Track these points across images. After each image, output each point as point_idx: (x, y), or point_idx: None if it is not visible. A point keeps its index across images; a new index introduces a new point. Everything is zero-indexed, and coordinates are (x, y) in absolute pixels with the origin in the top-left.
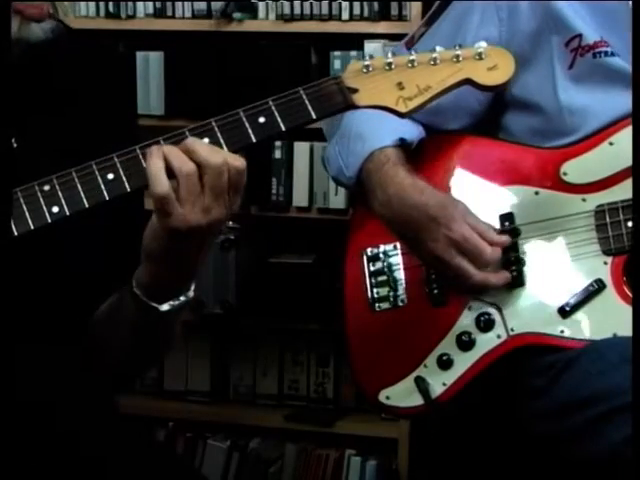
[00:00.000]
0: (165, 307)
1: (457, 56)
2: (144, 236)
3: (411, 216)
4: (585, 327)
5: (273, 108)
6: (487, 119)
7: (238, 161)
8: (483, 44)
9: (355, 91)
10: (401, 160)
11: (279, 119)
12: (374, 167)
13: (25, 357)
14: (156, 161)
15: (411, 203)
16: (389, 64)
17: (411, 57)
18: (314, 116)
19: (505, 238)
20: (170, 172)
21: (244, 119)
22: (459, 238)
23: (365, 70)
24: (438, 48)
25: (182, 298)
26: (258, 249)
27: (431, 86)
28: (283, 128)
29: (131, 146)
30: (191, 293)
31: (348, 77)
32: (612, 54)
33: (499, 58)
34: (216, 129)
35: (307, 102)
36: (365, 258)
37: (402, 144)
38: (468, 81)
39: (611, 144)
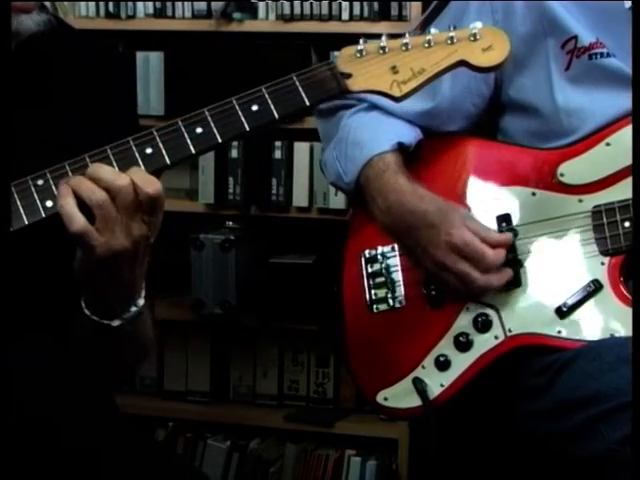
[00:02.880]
0: (116, 322)
1: (451, 38)
2: (74, 266)
3: (411, 223)
4: (582, 327)
5: (266, 95)
6: (485, 121)
7: (151, 188)
8: (478, 24)
9: (349, 76)
10: (401, 167)
11: (272, 106)
12: (373, 174)
13: (25, 354)
14: (66, 200)
15: (411, 210)
16: (383, 48)
17: (405, 40)
18: (307, 102)
19: (507, 237)
20: (83, 204)
21: (237, 107)
22: (460, 243)
23: (358, 55)
24: (432, 30)
25: (133, 309)
26: (258, 249)
27: (425, 69)
28: (276, 115)
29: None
30: (141, 301)
31: (341, 62)
32: (608, 55)
33: (494, 38)
34: (209, 118)
35: (300, 88)
36: (363, 260)
37: (400, 148)
38: (463, 63)
39: (608, 145)
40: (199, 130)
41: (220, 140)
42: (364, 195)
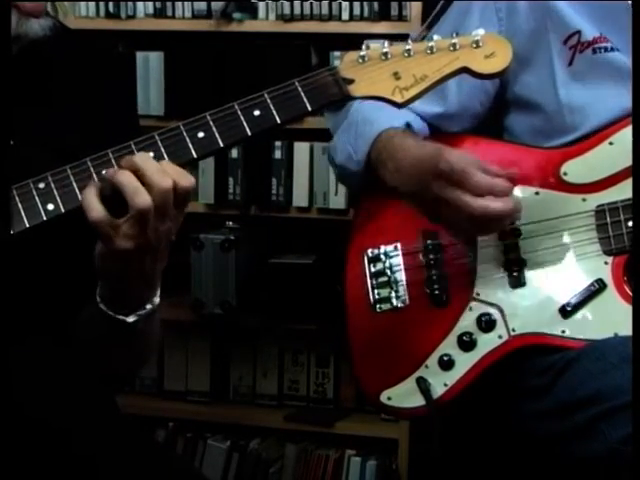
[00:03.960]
0: (132, 318)
1: (454, 44)
2: (95, 257)
3: (414, 169)
4: (586, 327)
5: (268, 101)
6: (490, 120)
7: (187, 181)
8: (480, 32)
9: (351, 82)
10: (410, 134)
11: (274, 111)
12: (383, 143)
13: (25, 356)
14: (89, 189)
15: (415, 158)
16: (385, 54)
17: (407, 46)
18: (309, 108)
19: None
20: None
21: (239, 112)
22: (446, 168)
23: (361, 60)
24: (435, 37)
25: (148, 306)
26: (258, 249)
27: (428, 75)
28: (278, 120)
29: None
30: (157, 299)
31: (344, 68)
32: (612, 49)
33: (496, 45)
34: (211, 123)
35: (302, 94)
36: (366, 259)
37: (409, 129)
38: (465, 70)
39: (611, 144)
40: (201, 134)
41: (222, 145)
42: (374, 166)
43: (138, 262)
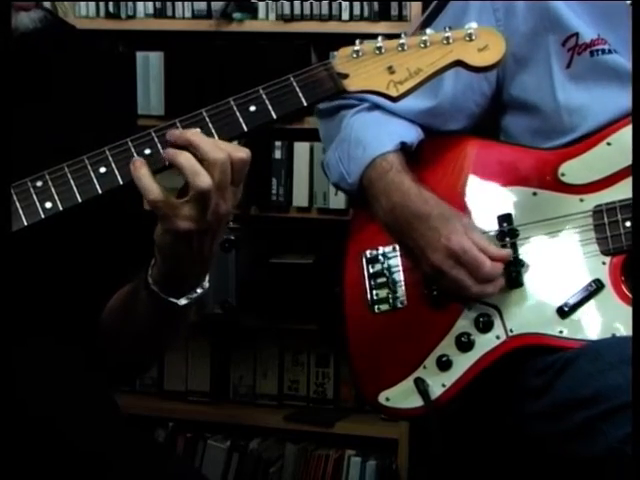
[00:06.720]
0: (183, 301)
1: (447, 38)
2: (155, 236)
3: (413, 225)
4: (584, 327)
5: (264, 96)
6: (487, 121)
7: (241, 152)
8: (473, 25)
9: (345, 76)
10: (404, 167)
11: (270, 107)
12: (376, 175)
13: (26, 356)
14: (141, 172)
15: (414, 212)
16: (379, 48)
17: (401, 41)
18: (305, 103)
19: (507, 252)
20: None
21: (235, 108)
22: (458, 249)
23: (355, 55)
24: (428, 31)
25: (199, 290)
26: (258, 249)
27: (422, 69)
28: (274, 116)
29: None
30: (206, 284)
31: (338, 63)
32: (610, 51)
33: (490, 38)
34: (207, 119)
35: (297, 89)
36: (364, 260)
37: (403, 148)
38: (459, 63)
39: (609, 144)
40: (197, 131)
41: None
42: (367, 196)
43: (197, 243)
